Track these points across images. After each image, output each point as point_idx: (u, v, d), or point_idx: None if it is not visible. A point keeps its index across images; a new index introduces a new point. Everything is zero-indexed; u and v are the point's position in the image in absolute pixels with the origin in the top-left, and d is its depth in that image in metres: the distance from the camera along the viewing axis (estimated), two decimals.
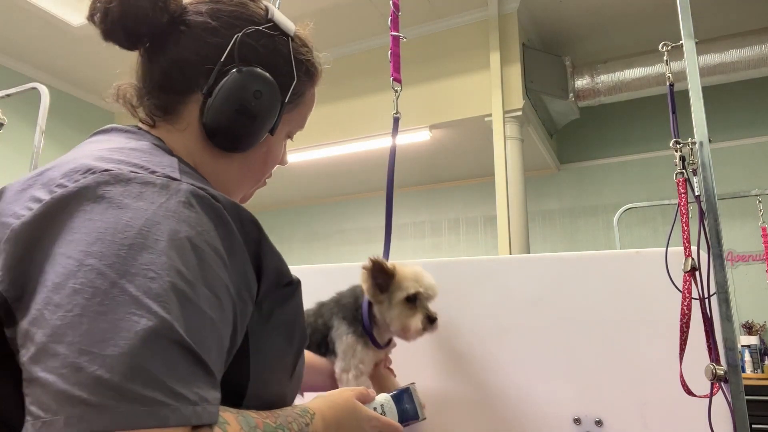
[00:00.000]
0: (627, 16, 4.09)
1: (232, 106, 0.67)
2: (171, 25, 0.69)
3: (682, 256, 1.07)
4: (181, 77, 0.69)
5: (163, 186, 0.53)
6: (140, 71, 0.72)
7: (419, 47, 4.10)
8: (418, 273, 1.13)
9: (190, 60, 0.69)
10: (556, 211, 5.09)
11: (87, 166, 0.54)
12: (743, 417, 0.91)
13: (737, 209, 4.17)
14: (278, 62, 0.73)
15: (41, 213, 0.50)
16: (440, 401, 1.39)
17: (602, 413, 1.23)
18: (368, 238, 5.59)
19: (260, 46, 0.71)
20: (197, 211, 0.54)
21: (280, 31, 0.74)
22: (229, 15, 0.71)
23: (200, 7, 0.71)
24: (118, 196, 0.51)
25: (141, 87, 0.72)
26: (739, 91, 4.49)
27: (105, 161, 0.55)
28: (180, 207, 0.52)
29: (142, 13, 0.67)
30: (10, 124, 2.91)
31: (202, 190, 0.56)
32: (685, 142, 1.10)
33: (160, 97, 0.70)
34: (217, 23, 0.70)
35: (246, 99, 0.67)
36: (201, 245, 0.52)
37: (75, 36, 4.37)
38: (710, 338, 1.03)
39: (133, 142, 0.64)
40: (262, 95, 0.68)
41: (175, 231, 0.50)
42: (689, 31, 1.07)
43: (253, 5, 0.74)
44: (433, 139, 4.30)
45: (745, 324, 4.00)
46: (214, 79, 0.67)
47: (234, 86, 0.67)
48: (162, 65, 0.70)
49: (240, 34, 0.69)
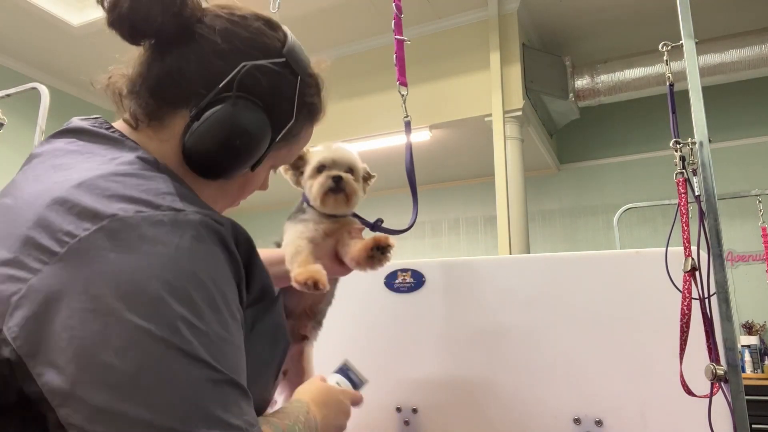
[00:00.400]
0: (627, 16, 4.09)
1: (217, 137, 0.64)
2: (180, 31, 0.66)
3: (682, 256, 1.07)
4: (175, 89, 0.66)
5: (172, 223, 0.53)
6: (137, 65, 0.69)
7: (419, 47, 4.09)
8: (325, 147, 1.12)
9: (188, 75, 0.66)
10: (556, 211, 5.09)
11: (89, 208, 0.52)
12: (743, 417, 0.91)
13: (737, 209, 4.17)
14: (279, 101, 0.70)
15: (56, 268, 0.49)
16: (440, 401, 1.39)
17: (602, 413, 1.23)
18: None
19: (265, 81, 0.68)
20: (207, 243, 0.55)
21: (291, 70, 0.70)
22: (242, 41, 0.68)
23: (216, 22, 0.68)
24: (133, 243, 0.51)
25: (133, 82, 0.68)
26: (739, 91, 4.49)
27: (105, 199, 0.53)
28: (193, 243, 0.53)
29: (153, 14, 0.64)
30: (10, 124, 2.91)
31: (207, 217, 0.56)
32: (685, 142, 1.10)
33: (149, 102, 0.67)
34: (226, 46, 0.67)
35: (232, 134, 0.64)
36: (218, 279, 0.54)
37: (75, 36, 4.37)
38: (710, 338, 1.03)
39: (117, 159, 0.60)
40: (250, 134, 0.65)
41: (195, 273, 0.52)
42: (689, 31, 1.07)
43: (271, 34, 0.71)
44: (433, 139, 4.30)
45: (745, 324, 4.00)
46: (206, 104, 0.64)
47: (223, 118, 0.64)
48: (159, 70, 0.67)
49: (247, 65, 0.66)
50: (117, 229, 0.51)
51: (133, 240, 0.51)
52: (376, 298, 1.51)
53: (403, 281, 1.49)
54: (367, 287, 1.53)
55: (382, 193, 5.22)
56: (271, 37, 0.71)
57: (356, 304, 1.54)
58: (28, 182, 0.60)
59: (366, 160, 1.19)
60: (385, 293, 1.50)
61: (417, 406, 1.41)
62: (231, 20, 0.69)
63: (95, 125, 0.67)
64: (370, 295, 1.52)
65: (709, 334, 1.03)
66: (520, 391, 1.31)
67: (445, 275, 1.45)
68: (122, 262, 0.49)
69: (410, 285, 1.48)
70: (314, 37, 4.37)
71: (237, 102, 0.65)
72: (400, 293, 1.49)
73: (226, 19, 0.69)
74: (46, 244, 0.50)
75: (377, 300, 1.51)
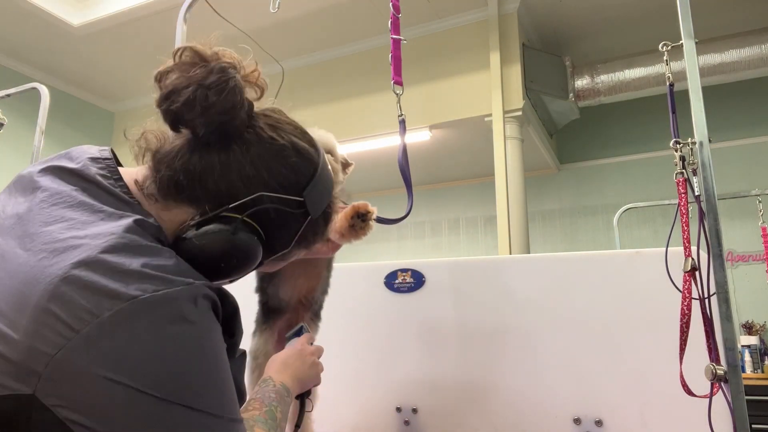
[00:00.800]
0: (627, 16, 4.09)
1: (206, 254, 0.65)
2: (219, 138, 0.67)
3: (682, 256, 1.07)
4: (191, 188, 0.66)
5: (186, 298, 0.58)
6: (167, 142, 0.69)
7: (419, 47, 4.10)
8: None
9: (208, 182, 0.66)
10: (556, 211, 5.09)
11: (108, 288, 0.55)
12: (743, 417, 0.91)
13: (737, 209, 4.17)
14: (281, 233, 0.71)
15: (80, 344, 0.53)
16: (440, 401, 1.39)
17: (602, 413, 1.23)
18: (368, 237, 5.57)
19: (274, 213, 0.68)
20: (202, 311, 0.60)
21: (305, 210, 0.71)
22: (269, 173, 0.68)
23: (254, 143, 0.68)
24: (153, 324, 0.55)
25: (158, 158, 0.68)
26: (739, 91, 4.49)
27: (122, 276, 0.56)
28: (200, 317, 0.59)
29: (205, 116, 0.64)
30: (10, 124, 2.91)
31: (202, 288, 0.60)
32: (685, 142, 1.10)
33: (164, 187, 0.67)
34: (253, 172, 0.67)
35: (222, 257, 0.65)
36: (214, 340, 0.61)
37: (75, 36, 4.37)
38: (710, 338, 1.03)
39: (123, 223, 0.61)
40: (239, 261, 0.67)
41: (202, 347, 0.59)
42: (689, 31, 1.07)
43: (302, 170, 0.71)
44: (433, 139, 4.30)
45: (745, 324, 4.00)
46: (209, 218, 0.65)
47: (219, 241, 0.65)
48: (184, 163, 0.66)
49: (262, 194, 0.67)
50: (136, 311, 0.55)
51: (150, 322, 0.55)
52: (376, 298, 1.51)
53: (403, 281, 1.49)
54: (367, 287, 1.53)
55: (382, 193, 5.21)
56: (300, 174, 0.71)
57: (356, 304, 1.54)
58: (34, 225, 0.61)
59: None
60: (385, 293, 1.50)
61: (417, 406, 1.41)
62: (270, 146, 0.69)
63: (105, 176, 0.67)
64: (370, 295, 1.52)
65: (709, 334, 1.03)
66: (520, 391, 1.31)
67: (445, 275, 1.46)
68: (141, 341, 0.54)
69: (410, 285, 1.48)
70: (314, 37, 4.37)
71: (238, 227, 0.66)
72: (400, 293, 1.49)
73: (266, 142, 0.69)
74: (65, 319, 0.53)
75: (377, 300, 1.51)
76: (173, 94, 0.65)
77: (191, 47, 0.67)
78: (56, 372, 0.52)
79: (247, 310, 1.22)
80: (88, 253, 0.56)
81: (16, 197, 0.66)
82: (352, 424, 1.46)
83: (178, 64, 0.67)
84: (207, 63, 0.66)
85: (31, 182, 0.66)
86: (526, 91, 3.90)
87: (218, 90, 0.64)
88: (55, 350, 0.52)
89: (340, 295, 1.47)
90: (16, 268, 0.57)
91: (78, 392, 0.52)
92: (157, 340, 0.55)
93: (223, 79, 0.65)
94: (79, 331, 0.53)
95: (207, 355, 0.59)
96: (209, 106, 0.64)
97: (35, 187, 0.65)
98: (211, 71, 0.65)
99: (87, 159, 0.68)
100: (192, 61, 0.67)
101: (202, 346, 0.58)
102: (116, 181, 0.67)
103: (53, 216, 0.61)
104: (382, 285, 1.51)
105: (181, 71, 0.66)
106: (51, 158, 0.71)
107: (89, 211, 0.62)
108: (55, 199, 0.63)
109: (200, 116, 0.64)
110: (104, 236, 0.58)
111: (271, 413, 0.80)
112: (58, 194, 0.64)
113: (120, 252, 0.57)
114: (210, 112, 0.64)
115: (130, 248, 0.58)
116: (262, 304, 1.21)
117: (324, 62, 4.54)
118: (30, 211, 0.63)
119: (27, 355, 0.53)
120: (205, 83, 0.64)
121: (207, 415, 0.57)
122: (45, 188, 0.65)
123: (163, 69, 0.68)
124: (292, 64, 4.55)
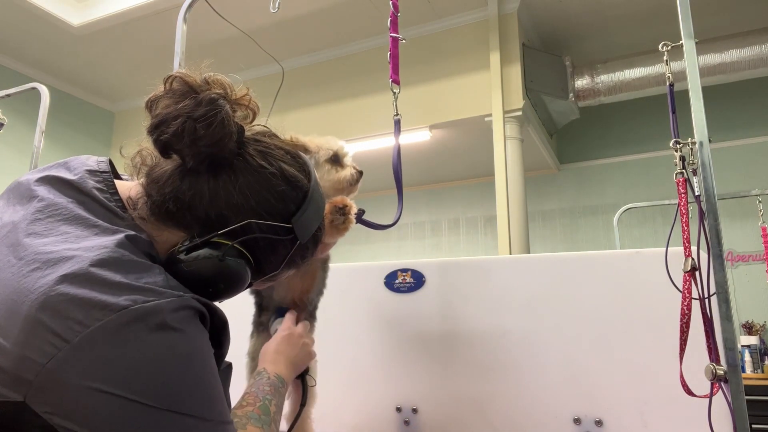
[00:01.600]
0: (627, 16, 4.09)
1: (195, 277, 0.66)
2: (208, 166, 0.67)
3: (682, 256, 1.07)
4: (181, 213, 0.67)
5: (174, 308, 0.59)
6: (157, 166, 0.69)
7: (419, 47, 4.10)
8: (326, 139, 1.16)
9: (197, 208, 0.67)
10: (556, 211, 5.09)
11: (98, 300, 0.55)
12: (743, 417, 0.91)
13: (737, 209, 4.17)
14: (269, 257, 0.72)
15: (71, 354, 0.54)
16: (440, 401, 1.39)
17: (602, 413, 1.23)
18: (367, 238, 5.58)
19: (262, 240, 0.69)
20: (189, 320, 0.61)
21: (293, 236, 0.72)
22: (258, 201, 0.68)
23: (243, 171, 0.68)
24: (142, 333, 0.56)
25: (150, 180, 0.69)
26: (739, 91, 4.49)
27: (112, 288, 0.57)
28: (191, 327, 0.61)
29: (195, 145, 0.65)
30: (10, 124, 2.91)
31: (191, 300, 0.62)
32: (685, 142, 1.10)
33: (156, 209, 0.67)
34: (241, 200, 0.67)
35: (210, 282, 0.67)
36: (202, 347, 0.62)
37: (75, 36, 4.37)
38: (710, 338, 1.03)
39: (117, 238, 0.62)
40: (227, 285, 0.68)
41: (191, 352, 0.60)
42: (689, 31, 1.07)
43: (291, 197, 0.71)
44: (433, 139, 4.30)
45: (745, 324, 4.00)
46: (198, 244, 0.66)
47: (207, 267, 0.66)
48: (175, 188, 0.67)
49: (251, 222, 0.67)
50: (126, 322, 0.56)
51: (139, 331, 0.56)
52: (376, 298, 1.51)
53: (403, 281, 1.49)
54: (367, 287, 1.53)
55: (382, 192, 5.22)
56: (289, 201, 0.71)
57: (356, 304, 1.54)
58: (28, 235, 0.61)
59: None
60: (385, 293, 1.50)
61: (417, 406, 1.41)
62: (259, 174, 0.69)
63: (101, 190, 0.68)
64: (370, 295, 1.52)
65: (709, 334, 1.03)
66: (520, 391, 1.31)
67: (445, 275, 1.46)
68: (130, 350, 0.55)
69: (410, 285, 1.48)
70: (314, 37, 4.37)
71: (227, 253, 0.67)
72: (400, 293, 1.49)
73: (255, 170, 0.69)
74: (58, 330, 0.54)
75: (377, 300, 1.51)
76: (163, 124, 0.65)
77: (181, 77, 0.68)
78: (47, 381, 0.53)
79: (246, 308, 1.22)
80: (80, 266, 0.57)
81: (14, 205, 0.67)
82: (352, 424, 1.46)
83: (168, 91, 0.68)
84: (196, 94, 0.66)
85: (29, 191, 0.67)
86: (526, 91, 3.90)
87: (207, 123, 0.64)
88: (45, 359, 0.53)
89: (340, 295, 1.47)
90: (8, 277, 0.58)
91: (68, 400, 0.53)
92: (146, 348, 0.56)
93: (212, 111, 0.65)
94: (70, 341, 0.54)
95: (194, 361, 0.60)
96: (198, 138, 0.64)
97: (32, 196, 0.66)
98: (200, 103, 0.65)
99: (85, 171, 0.69)
100: (182, 90, 0.67)
101: (189, 353, 0.59)
102: (111, 195, 0.68)
103: (48, 228, 0.62)
104: (382, 285, 1.51)
105: (170, 100, 0.66)
106: (50, 167, 0.72)
107: (83, 226, 0.63)
108: (50, 210, 0.64)
109: (189, 147, 0.65)
110: (96, 249, 0.59)
111: (265, 408, 0.82)
112: (53, 206, 0.65)
113: (111, 266, 0.58)
114: (198, 144, 0.65)
115: (121, 263, 0.60)
116: (258, 305, 1.21)
117: (324, 62, 4.54)
118: (24, 220, 0.63)
119: (18, 364, 0.54)
120: (193, 115, 0.64)
121: (197, 419, 0.58)
122: (41, 198, 0.65)
123: (153, 96, 0.69)
124: (292, 64, 4.55)
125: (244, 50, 4.42)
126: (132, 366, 0.55)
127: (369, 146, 4.21)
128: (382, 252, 5.48)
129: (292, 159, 0.73)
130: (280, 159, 0.72)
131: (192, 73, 0.69)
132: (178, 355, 0.58)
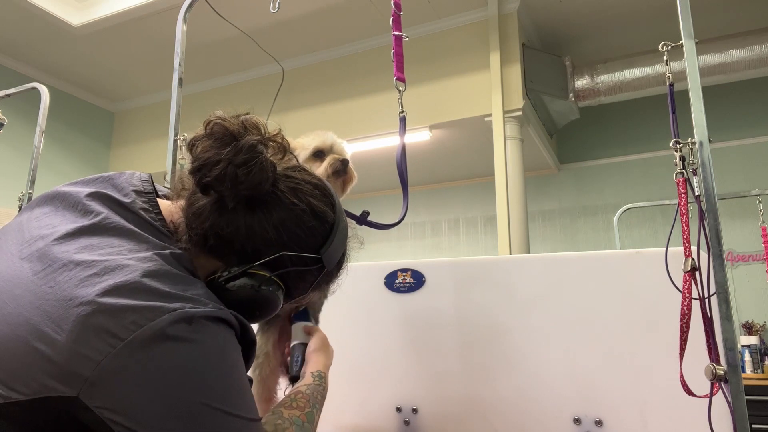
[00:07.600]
0: (627, 16, 4.09)
1: (232, 303, 0.71)
2: (245, 203, 0.72)
3: (682, 256, 1.07)
4: (219, 245, 0.72)
5: (212, 319, 0.65)
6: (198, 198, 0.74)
7: (419, 47, 4.09)
8: (316, 135, 1.17)
9: (234, 241, 0.72)
10: (556, 211, 5.09)
11: (151, 304, 0.61)
12: (743, 417, 0.91)
13: (737, 209, 4.17)
14: (299, 284, 0.78)
15: (125, 351, 0.58)
16: (440, 401, 1.39)
17: (602, 413, 1.23)
18: (367, 238, 5.57)
19: (293, 271, 0.75)
20: (227, 330, 0.67)
21: (321, 265, 0.77)
22: (290, 236, 0.74)
23: (276, 207, 0.73)
24: (191, 334, 0.62)
25: (189, 213, 0.74)
26: (739, 91, 4.49)
27: (162, 295, 0.62)
28: (227, 335, 0.67)
29: (235, 187, 0.69)
30: (10, 124, 2.91)
31: (229, 314, 0.68)
32: (685, 142, 1.10)
33: (195, 239, 0.73)
34: (274, 235, 0.72)
35: (247, 308, 0.72)
36: (237, 353, 0.68)
37: (75, 36, 4.37)
38: (710, 338, 1.03)
39: (163, 255, 0.68)
40: (262, 311, 0.75)
41: (226, 358, 0.65)
42: (689, 31, 1.07)
43: (320, 232, 0.77)
44: (433, 139, 4.30)
45: (745, 324, 4.00)
46: (236, 275, 0.72)
47: (244, 297, 0.72)
48: (213, 222, 0.72)
49: (284, 254, 0.73)
50: (176, 320, 0.61)
51: (190, 332, 0.61)
52: (376, 298, 1.51)
53: (403, 281, 1.49)
54: (367, 287, 1.53)
55: (382, 192, 5.22)
56: (318, 236, 0.77)
57: (356, 304, 1.54)
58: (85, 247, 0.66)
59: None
60: (385, 293, 1.50)
61: (417, 406, 1.41)
62: (291, 211, 0.74)
63: (147, 210, 0.74)
64: (370, 295, 1.52)
65: (709, 334, 1.03)
66: (520, 391, 1.31)
67: (445, 275, 1.46)
68: (176, 351, 0.60)
69: (410, 285, 1.48)
70: (314, 37, 4.37)
71: (261, 284, 0.73)
72: (400, 293, 1.49)
73: (287, 207, 0.74)
74: (114, 330, 0.58)
75: (377, 300, 1.51)
76: (205, 167, 0.70)
77: (221, 123, 0.72)
78: (101, 377, 0.57)
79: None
80: (133, 275, 0.63)
81: (63, 214, 0.72)
82: (352, 424, 1.46)
83: (208, 134, 0.72)
84: (237, 140, 0.71)
85: (81, 204, 0.73)
86: (526, 91, 3.90)
87: (247, 170, 0.69)
88: (101, 356, 0.57)
89: (340, 295, 1.47)
90: (65, 280, 0.62)
91: (121, 396, 0.58)
92: (194, 349, 0.61)
93: (252, 159, 0.70)
94: (124, 339, 0.58)
95: (237, 366, 0.66)
96: (239, 183, 0.69)
97: (87, 210, 0.72)
98: (241, 150, 0.70)
99: (132, 192, 0.76)
100: (222, 134, 0.71)
101: (233, 358, 0.66)
102: (156, 216, 0.75)
103: (104, 240, 0.68)
104: (382, 285, 1.51)
105: (211, 143, 0.71)
106: (95, 181, 0.77)
107: (136, 240, 0.69)
108: (106, 223, 0.70)
109: (230, 190, 0.70)
110: (148, 261, 0.65)
111: (311, 416, 0.84)
112: (109, 220, 0.71)
113: (161, 277, 0.64)
114: (239, 188, 0.70)
115: (170, 275, 0.66)
116: None
117: (324, 62, 4.54)
118: (82, 231, 0.69)
119: (72, 360, 0.57)
120: (235, 162, 0.69)
121: (241, 419, 0.64)
122: (97, 213, 0.71)
123: (194, 137, 0.74)
124: (292, 64, 4.55)
125: (244, 50, 4.42)
126: (181, 365, 0.60)
127: (369, 146, 4.21)
128: (382, 252, 5.48)
129: (320, 193, 0.78)
130: (309, 194, 0.77)
131: (229, 117, 0.74)
132: (223, 358, 0.64)
